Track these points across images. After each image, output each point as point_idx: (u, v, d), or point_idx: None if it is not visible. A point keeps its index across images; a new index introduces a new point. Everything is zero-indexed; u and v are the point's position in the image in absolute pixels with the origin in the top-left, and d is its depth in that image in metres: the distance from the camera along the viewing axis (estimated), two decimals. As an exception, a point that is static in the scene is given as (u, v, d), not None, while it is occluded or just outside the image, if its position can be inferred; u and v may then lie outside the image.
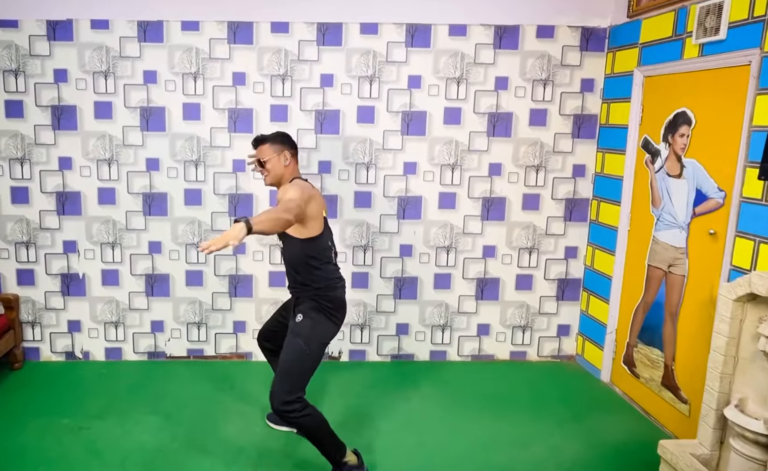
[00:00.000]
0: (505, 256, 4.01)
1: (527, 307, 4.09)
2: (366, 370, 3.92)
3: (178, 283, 3.90)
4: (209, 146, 3.75)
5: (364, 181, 3.84)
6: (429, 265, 3.98)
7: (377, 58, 3.72)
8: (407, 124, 3.80)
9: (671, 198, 3.21)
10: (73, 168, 3.72)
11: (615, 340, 3.73)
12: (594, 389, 3.73)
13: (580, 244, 4.03)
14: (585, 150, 3.92)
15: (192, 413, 3.28)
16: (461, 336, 4.09)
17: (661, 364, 3.28)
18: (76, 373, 3.76)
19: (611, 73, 3.77)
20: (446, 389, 3.66)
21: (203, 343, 3.99)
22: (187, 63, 3.66)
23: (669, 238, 3.23)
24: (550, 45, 3.78)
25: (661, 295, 3.29)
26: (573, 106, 3.87)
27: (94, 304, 3.90)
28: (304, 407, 2.51)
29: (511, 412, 3.41)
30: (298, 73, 3.71)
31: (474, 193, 3.91)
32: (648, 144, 3.42)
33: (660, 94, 3.32)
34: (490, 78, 3.79)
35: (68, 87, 3.64)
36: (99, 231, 3.81)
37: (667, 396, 3.23)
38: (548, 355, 4.17)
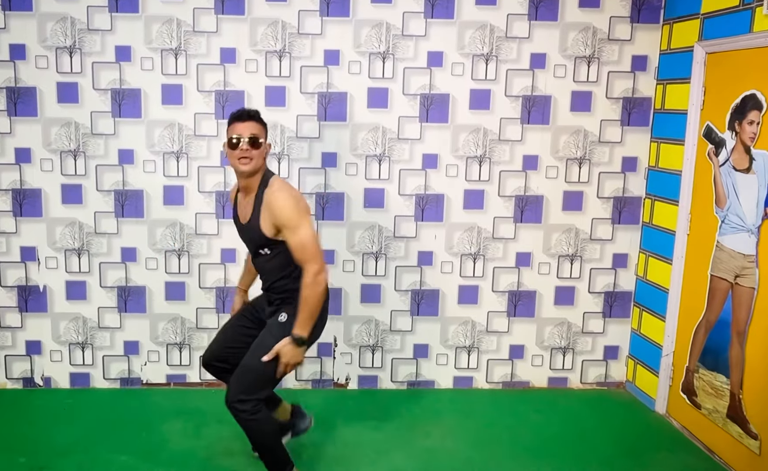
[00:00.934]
0: (542, 265, 4.17)
1: (568, 325, 4.25)
2: (378, 400, 4.07)
3: (156, 296, 4.05)
4: (193, 135, 3.91)
5: (375, 176, 4.00)
6: (452, 276, 4.14)
7: (391, 32, 3.88)
8: (426, 109, 3.96)
9: (738, 196, 3.35)
10: (32, 161, 3.88)
11: (672, 364, 3.88)
12: (647, 422, 3.89)
13: (631, 251, 4.19)
14: (636, 140, 4.08)
15: (173, 451, 3.42)
16: (490, 359, 4.25)
17: (727, 392, 3.43)
18: (36, 403, 3.90)
19: (667, 49, 3.93)
20: (473, 423, 3.81)
21: (186, 368, 4.15)
22: (167, 37, 3.82)
23: (736, 243, 3.38)
24: (596, 16, 3.94)
25: (726, 311, 3.45)
26: (622, 88, 4.02)
27: (57, 322, 4.05)
28: (257, 410, 2.82)
29: (550, 449, 3.56)
30: (297, 49, 3.87)
31: (505, 190, 4.07)
32: (711, 133, 3.57)
33: (725, 74, 3.47)
34: (525, 55, 3.95)
35: (26, 65, 3.79)
36: (63, 235, 3.97)
37: (734, 430, 3.38)
38: (593, 382, 4.33)
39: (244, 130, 2.78)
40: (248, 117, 2.81)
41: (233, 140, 2.77)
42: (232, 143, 2.77)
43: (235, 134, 2.77)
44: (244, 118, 2.80)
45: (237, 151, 2.77)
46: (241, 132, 2.77)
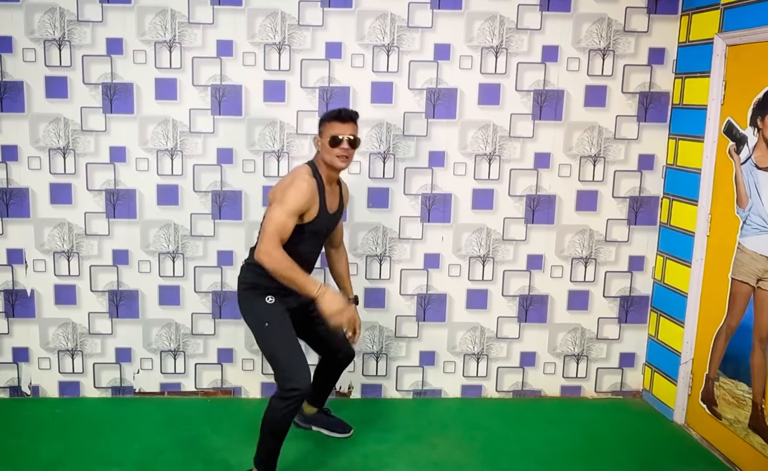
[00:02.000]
0: (554, 268, 4.20)
1: (582, 331, 4.28)
2: (382, 410, 4.10)
3: (149, 301, 4.09)
4: (188, 132, 3.94)
5: (379, 175, 4.04)
6: (460, 280, 4.17)
7: (396, 23, 3.91)
8: (433, 104, 3.99)
9: (761, 196, 3.38)
10: (19, 159, 3.91)
11: (691, 372, 3.91)
12: (665, 433, 3.92)
13: (648, 253, 4.22)
14: (654, 136, 4.12)
15: (167, 464, 3.45)
16: (500, 367, 4.28)
17: (749, 401, 3.46)
18: (23, 414, 3.93)
19: (686, 41, 3.96)
20: (482, 434, 3.85)
21: (180, 376, 4.18)
22: (161, 29, 3.85)
23: (758, 245, 3.41)
24: (610, 6, 3.97)
25: (748, 316, 3.48)
26: (639, 82, 4.06)
27: (46, 328, 4.09)
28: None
29: (563, 462, 3.59)
30: (298, 42, 3.90)
31: (516, 189, 4.10)
32: (732, 129, 3.60)
33: (747, 67, 3.49)
34: (536, 47, 3.99)
35: (13, 59, 3.82)
36: (51, 237, 4.00)
37: (756, 441, 3.41)
38: (608, 391, 4.36)
39: (346, 130, 3.10)
40: (350, 118, 3.12)
41: (338, 138, 3.07)
42: (335, 141, 3.08)
43: (339, 134, 3.08)
44: (347, 119, 3.11)
45: (337, 150, 3.08)
46: (344, 132, 3.09)
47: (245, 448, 3.51)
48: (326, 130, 3.11)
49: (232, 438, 3.70)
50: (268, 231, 2.94)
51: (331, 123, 3.11)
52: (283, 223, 2.96)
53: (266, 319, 3.14)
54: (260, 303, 3.16)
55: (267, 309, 3.15)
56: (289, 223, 2.99)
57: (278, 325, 3.14)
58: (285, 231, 2.97)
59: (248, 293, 3.22)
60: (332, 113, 3.13)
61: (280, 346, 3.10)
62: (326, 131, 3.11)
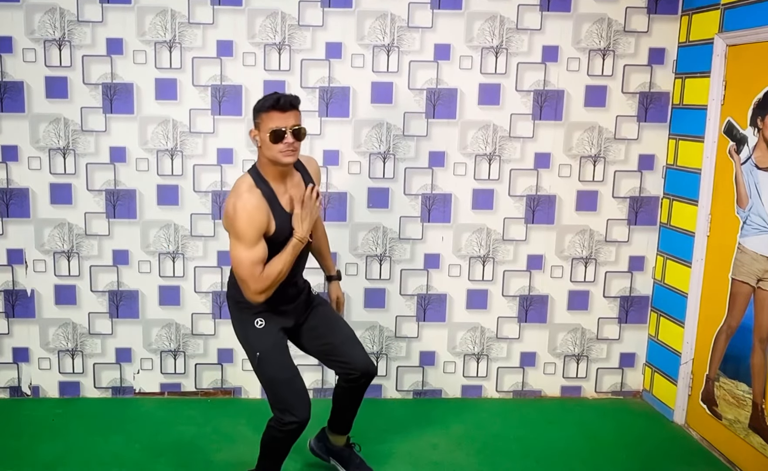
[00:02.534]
0: (554, 269, 4.21)
1: (582, 331, 4.29)
2: (382, 410, 4.11)
3: (149, 301, 4.10)
4: (188, 132, 3.95)
5: (380, 175, 4.04)
6: (460, 280, 4.18)
7: (396, 23, 3.92)
8: (433, 104, 4.00)
9: (761, 196, 3.39)
10: (19, 159, 3.92)
11: (691, 372, 3.92)
12: (665, 433, 3.93)
13: (648, 253, 4.23)
14: (654, 137, 4.12)
15: (167, 464, 3.46)
16: (500, 367, 4.29)
17: (749, 402, 3.47)
18: (23, 414, 3.94)
19: (686, 41, 3.96)
20: (482, 434, 3.85)
21: (180, 377, 4.19)
22: (161, 29, 3.86)
23: (758, 245, 3.41)
24: (611, 6, 3.98)
25: (748, 316, 3.48)
26: (639, 83, 4.06)
27: (46, 328, 4.10)
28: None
29: (563, 462, 3.60)
30: (298, 42, 3.91)
31: (516, 190, 4.11)
32: (732, 129, 3.60)
33: (747, 68, 3.50)
34: (536, 47, 3.99)
35: (13, 59, 3.83)
36: (51, 237, 4.01)
37: (756, 441, 3.42)
38: (608, 391, 4.37)
39: (288, 120, 2.71)
40: (291, 106, 2.73)
41: (279, 132, 2.68)
42: (276, 135, 2.69)
43: (280, 126, 2.69)
44: (287, 107, 2.72)
45: (281, 145, 2.70)
46: (286, 123, 2.70)
47: (245, 448, 3.53)
48: (264, 122, 2.72)
49: (232, 438, 3.70)
50: (244, 275, 2.68)
51: (269, 113, 2.70)
52: (251, 258, 2.67)
53: (258, 347, 2.89)
54: (250, 327, 2.90)
55: (257, 335, 2.89)
56: (258, 252, 2.69)
57: (271, 352, 2.89)
58: (258, 262, 2.69)
59: (238, 313, 2.96)
60: (268, 101, 2.72)
61: (275, 376, 2.88)
62: (264, 124, 2.71)
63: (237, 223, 2.67)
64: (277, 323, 2.93)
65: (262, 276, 2.69)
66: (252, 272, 2.68)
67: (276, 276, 2.72)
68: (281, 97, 2.71)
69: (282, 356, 2.92)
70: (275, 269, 2.72)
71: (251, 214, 2.68)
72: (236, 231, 2.68)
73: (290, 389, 2.86)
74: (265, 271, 2.70)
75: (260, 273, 2.69)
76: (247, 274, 2.68)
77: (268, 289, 2.72)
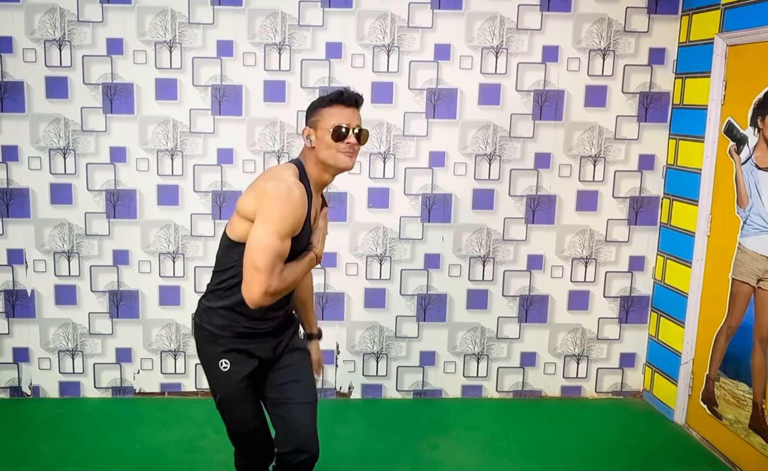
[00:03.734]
0: (555, 269, 4.21)
1: (582, 331, 4.29)
2: (383, 410, 4.11)
3: (149, 301, 4.10)
4: (188, 132, 3.95)
5: (380, 175, 4.05)
6: (461, 280, 4.18)
7: (396, 23, 3.92)
8: (433, 104, 4.00)
9: (761, 196, 3.39)
10: (19, 159, 3.92)
11: (691, 372, 3.92)
12: (665, 433, 3.93)
13: (648, 253, 4.24)
14: (654, 137, 4.13)
15: (168, 464, 3.46)
16: (500, 367, 4.29)
17: (749, 401, 3.47)
18: (23, 414, 3.94)
19: (687, 41, 3.97)
20: (482, 434, 3.86)
21: (180, 377, 4.20)
22: (161, 29, 3.87)
23: (758, 245, 3.42)
24: (611, 6, 3.98)
25: (749, 316, 3.49)
26: (639, 83, 4.07)
27: (46, 328, 4.10)
28: None
29: (563, 462, 3.60)
30: (298, 42, 3.91)
31: (516, 189, 4.12)
32: (732, 129, 3.61)
33: (747, 67, 3.51)
34: (537, 47, 4.00)
35: (13, 59, 3.83)
36: (51, 237, 4.01)
37: (757, 441, 3.42)
38: (609, 391, 4.37)
39: (352, 118, 2.38)
40: (355, 102, 2.41)
41: (342, 129, 2.34)
42: (339, 133, 2.34)
43: (344, 123, 2.35)
44: (351, 103, 2.40)
45: (342, 144, 2.35)
46: (350, 121, 2.36)
47: (245, 449, 3.53)
48: (324, 118, 2.37)
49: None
50: (264, 263, 2.22)
51: (330, 108, 2.37)
52: (279, 249, 2.26)
53: (219, 390, 2.54)
54: (213, 367, 2.50)
55: (220, 377, 2.50)
56: (286, 246, 2.29)
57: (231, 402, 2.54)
58: (283, 258, 2.29)
59: (203, 343, 2.54)
60: (331, 95, 2.39)
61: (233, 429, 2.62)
62: (325, 120, 2.36)
63: (277, 205, 2.25)
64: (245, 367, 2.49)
65: (280, 274, 2.27)
66: (274, 264, 2.25)
67: (290, 283, 2.35)
68: (345, 90, 2.40)
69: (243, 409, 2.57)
70: (291, 275, 2.34)
71: (297, 202, 2.28)
72: (272, 213, 2.25)
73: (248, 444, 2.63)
74: (285, 271, 2.30)
75: (279, 271, 2.27)
76: (268, 265, 2.23)
77: (278, 292, 2.31)
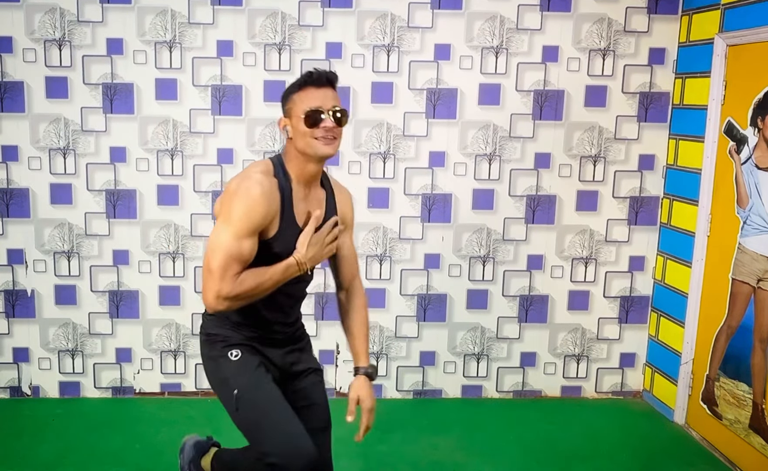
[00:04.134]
0: (555, 269, 4.21)
1: (582, 331, 4.30)
2: (382, 410, 4.07)
3: (149, 301, 4.10)
4: (188, 132, 3.96)
5: (380, 175, 4.05)
6: (461, 280, 4.19)
7: (396, 23, 3.93)
8: (433, 104, 4.01)
9: (761, 196, 3.40)
10: (19, 159, 3.92)
11: (691, 372, 3.92)
12: (665, 433, 3.93)
13: (648, 253, 4.24)
14: (654, 137, 4.13)
15: (168, 464, 3.44)
16: (501, 367, 4.30)
17: (749, 402, 3.47)
18: (23, 414, 3.94)
19: (687, 41, 3.97)
20: (482, 434, 3.86)
21: (181, 376, 4.20)
22: (161, 29, 3.87)
23: (758, 245, 3.42)
24: (611, 6, 3.99)
25: (749, 316, 3.49)
26: (639, 83, 4.07)
27: (46, 328, 4.10)
28: None
29: (563, 462, 3.60)
30: (298, 42, 3.91)
31: (516, 189, 4.12)
32: (732, 129, 3.61)
33: (747, 68, 3.51)
34: (537, 47, 4.00)
35: (13, 59, 3.83)
36: (51, 237, 4.01)
37: (757, 441, 3.42)
38: (609, 391, 4.37)
39: (327, 99, 2.18)
40: (329, 82, 2.21)
41: (315, 113, 2.15)
42: (313, 117, 2.15)
43: (318, 105, 2.16)
44: (324, 83, 2.19)
45: (318, 130, 2.15)
46: (324, 103, 2.17)
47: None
48: (297, 104, 2.18)
49: (232, 438, 3.69)
50: (214, 265, 2.08)
51: (301, 92, 2.18)
52: (231, 250, 2.08)
53: (234, 383, 2.26)
54: (223, 362, 2.30)
55: (233, 368, 2.28)
56: (244, 248, 2.11)
57: (254, 387, 2.26)
58: (238, 260, 2.09)
59: (208, 348, 2.37)
60: (301, 78, 2.20)
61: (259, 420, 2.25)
62: (297, 106, 2.17)
63: (234, 202, 2.12)
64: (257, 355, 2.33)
65: (234, 278, 2.09)
66: (225, 266, 2.08)
67: (251, 289, 2.12)
68: (316, 70, 2.20)
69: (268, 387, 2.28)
70: (253, 280, 2.12)
71: (255, 199, 2.11)
72: (229, 211, 2.11)
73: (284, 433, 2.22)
74: (242, 275, 2.11)
75: (234, 273, 2.09)
76: (220, 267, 2.08)
77: (234, 297, 2.11)
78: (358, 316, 2.51)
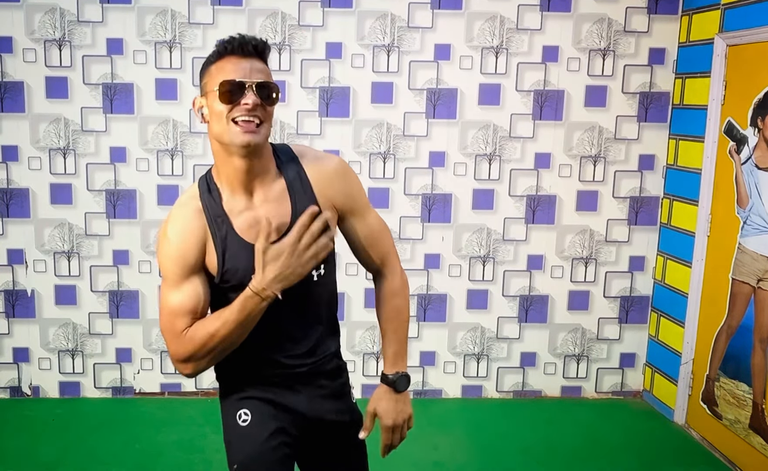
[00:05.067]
0: (555, 269, 4.22)
1: (582, 331, 4.30)
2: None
3: (149, 301, 4.10)
4: (188, 132, 3.96)
5: (380, 175, 4.05)
6: (460, 280, 4.19)
7: (396, 23, 3.93)
8: (433, 104, 4.01)
9: (761, 196, 3.40)
10: (19, 159, 3.92)
11: (692, 372, 3.92)
12: (665, 433, 3.93)
13: (648, 253, 4.24)
14: (654, 137, 4.13)
15: (167, 464, 3.47)
16: (501, 367, 4.30)
17: (749, 402, 3.47)
18: (23, 414, 3.95)
19: (687, 41, 3.97)
20: (482, 434, 3.86)
21: (181, 377, 4.18)
22: (161, 29, 3.87)
23: (758, 245, 3.42)
24: (611, 6, 3.99)
25: (749, 316, 3.49)
26: (639, 83, 4.07)
27: (46, 328, 4.10)
28: None
29: (563, 462, 3.60)
30: (298, 42, 3.91)
31: (516, 190, 4.12)
32: (732, 129, 3.61)
33: (747, 68, 3.51)
34: (537, 47, 4.00)
35: (13, 59, 3.84)
36: (51, 237, 4.01)
37: (757, 441, 3.42)
38: (609, 392, 4.37)
39: (244, 71, 1.67)
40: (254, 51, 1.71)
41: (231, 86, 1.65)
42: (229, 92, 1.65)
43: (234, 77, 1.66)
44: (246, 52, 1.69)
45: (238, 108, 1.66)
46: (243, 73, 1.67)
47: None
48: (213, 77, 1.69)
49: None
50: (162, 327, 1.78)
51: (219, 63, 1.70)
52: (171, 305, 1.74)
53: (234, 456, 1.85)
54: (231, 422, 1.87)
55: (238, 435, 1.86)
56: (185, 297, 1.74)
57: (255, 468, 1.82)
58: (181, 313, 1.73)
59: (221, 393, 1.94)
60: (221, 45, 1.71)
61: None
62: (213, 79, 1.69)
63: (158, 252, 1.80)
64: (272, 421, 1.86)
65: (183, 335, 1.73)
66: (171, 326, 1.74)
67: (205, 340, 1.70)
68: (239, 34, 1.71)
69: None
70: (206, 330, 1.71)
71: (170, 239, 1.75)
72: (159, 263, 1.80)
73: None
74: (191, 331, 1.73)
75: (181, 329, 1.73)
76: (165, 328, 1.76)
77: (192, 358, 1.73)
78: (384, 308, 1.99)
